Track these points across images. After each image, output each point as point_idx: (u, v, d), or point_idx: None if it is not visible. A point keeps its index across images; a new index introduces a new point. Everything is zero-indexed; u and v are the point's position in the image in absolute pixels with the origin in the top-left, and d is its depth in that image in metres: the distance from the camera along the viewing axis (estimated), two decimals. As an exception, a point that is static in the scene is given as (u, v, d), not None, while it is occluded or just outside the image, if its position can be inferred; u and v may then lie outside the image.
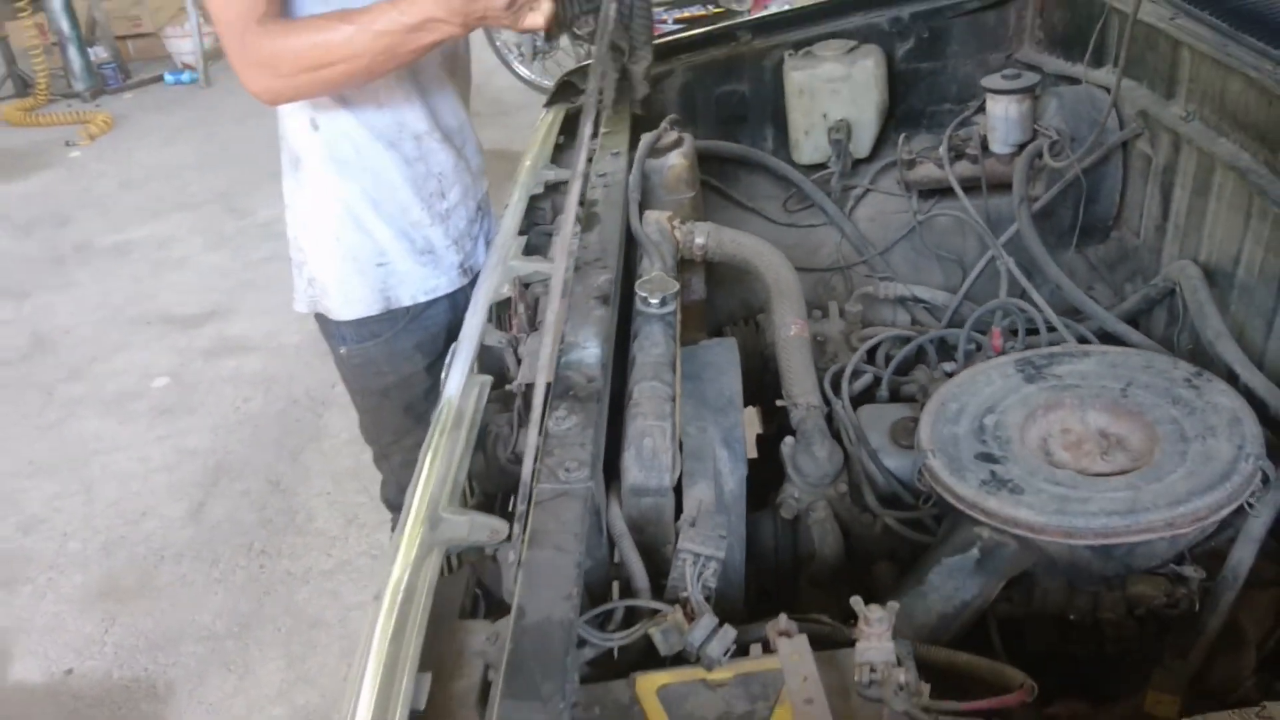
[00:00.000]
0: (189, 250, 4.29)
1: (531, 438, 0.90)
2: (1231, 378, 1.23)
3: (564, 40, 1.83)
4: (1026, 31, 2.04)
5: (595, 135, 1.76)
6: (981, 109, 1.84)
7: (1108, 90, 1.67)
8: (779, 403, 1.39)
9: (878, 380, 1.54)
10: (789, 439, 1.35)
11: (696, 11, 4.19)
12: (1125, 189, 1.71)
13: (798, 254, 2.06)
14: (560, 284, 1.14)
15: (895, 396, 1.52)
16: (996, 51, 2.06)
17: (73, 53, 6.39)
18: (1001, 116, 1.74)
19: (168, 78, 6.62)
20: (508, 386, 1.25)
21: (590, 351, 1.17)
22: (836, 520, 1.32)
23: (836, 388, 1.46)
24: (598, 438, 1.05)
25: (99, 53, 6.57)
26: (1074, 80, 1.80)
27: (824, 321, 1.76)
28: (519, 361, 1.28)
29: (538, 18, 1.35)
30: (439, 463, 1.09)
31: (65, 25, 6.31)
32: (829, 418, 1.39)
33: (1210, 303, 1.31)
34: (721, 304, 1.92)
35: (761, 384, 1.62)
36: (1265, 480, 1.03)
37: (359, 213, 1.54)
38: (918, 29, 2.03)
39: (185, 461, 3.02)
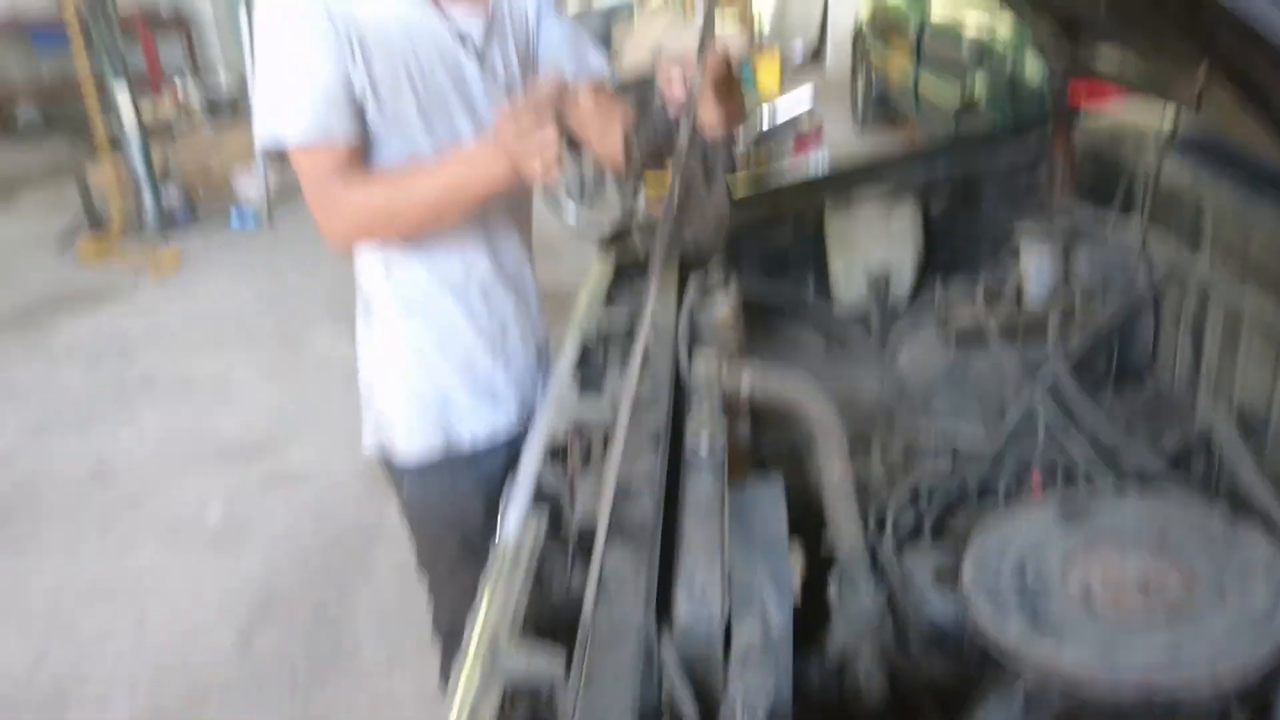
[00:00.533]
0: (247, 384, 4.44)
1: (592, 578, 0.94)
2: (1269, 525, 1.25)
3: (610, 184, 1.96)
4: (1059, 183, 2.14)
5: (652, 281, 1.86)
6: (1016, 257, 1.92)
7: (1138, 241, 1.75)
8: (824, 546, 1.42)
9: (920, 522, 1.56)
10: (835, 580, 1.38)
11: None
12: (1158, 337, 1.76)
13: (839, 396, 2.11)
14: (624, 430, 1.20)
15: (938, 538, 1.55)
16: (1031, 202, 2.16)
17: (146, 194, 6.77)
18: (1035, 265, 1.82)
19: (234, 220, 6.96)
20: (564, 525, 1.30)
21: (643, 493, 1.22)
22: (882, 663, 1.33)
23: (880, 530, 1.49)
24: (651, 577, 1.09)
25: (170, 194, 6.95)
26: (1105, 231, 1.88)
27: (866, 463, 1.80)
28: (574, 501, 1.33)
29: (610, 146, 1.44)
30: (498, 598, 1.14)
31: (141, 168, 6.71)
32: (873, 560, 1.42)
33: (1244, 451, 1.34)
34: (768, 442, 1.98)
35: (805, 524, 1.65)
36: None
37: (426, 354, 1.63)
38: (952, 183, 2.14)
39: (236, 591, 3.07)
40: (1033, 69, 4.35)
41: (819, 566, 1.67)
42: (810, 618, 1.44)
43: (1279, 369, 1.38)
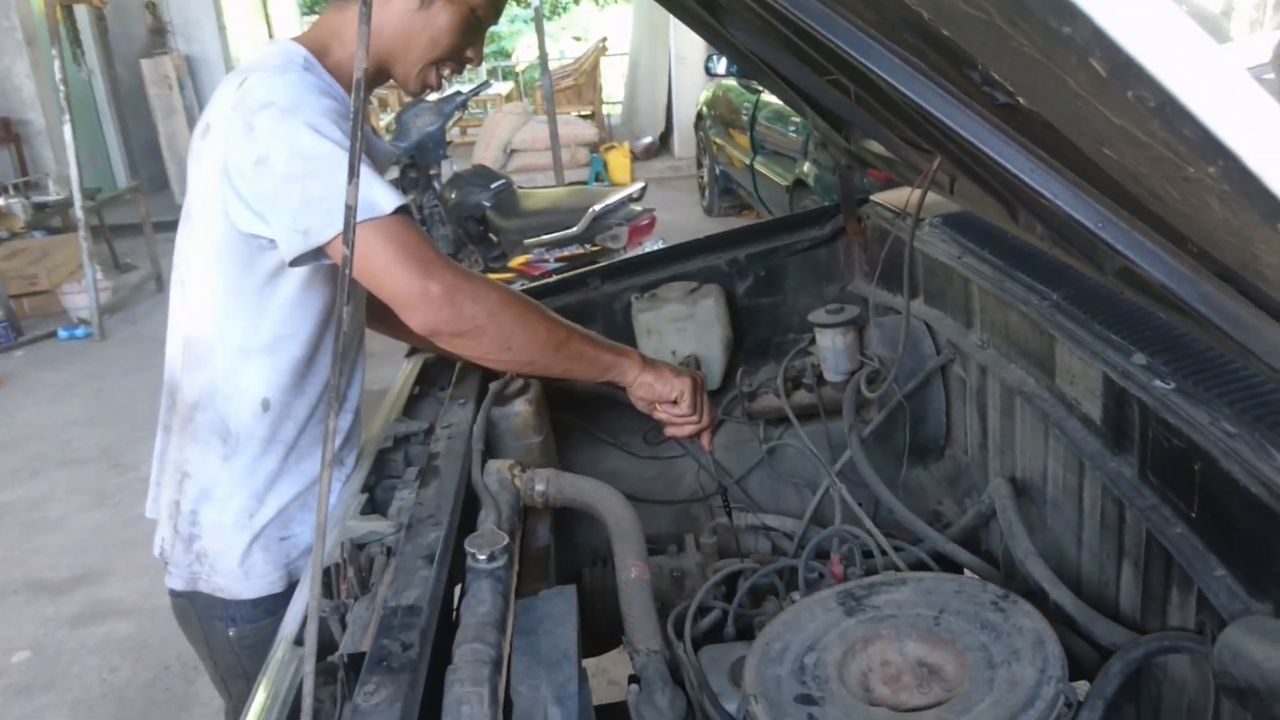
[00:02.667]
0: (65, 510, 4.14)
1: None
2: (1043, 595, 1.27)
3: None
4: (855, 265, 2.20)
5: (445, 388, 1.81)
6: (814, 341, 1.96)
7: (924, 321, 1.80)
8: (619, 650, 1.37)
9: (725, 618, 1.54)
10: (633, 687, 1.33)
11: (575, 250, 4.43)
12: (949, 410, 1.80)
13: (659, 486, 2.10)
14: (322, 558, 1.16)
15: (745, 633, 1.52)
16: (830, 284, 2.22)
17: (-36, 312, 6.38)
18: (830, 347, 1.85)
19: (61, 333, 6.60)
20: (330, 658, 1.21)
21: (411, 616, 1.16)
22: (686, 769, 1.28)
23: (680, 629, 1.45)
24: (406, 713, 1.02)
25: (-8, 310, 6.57)
26: (896, 311, 1.94)
27: (681, 556, 1.78)
28: (345, 629, 1.25)
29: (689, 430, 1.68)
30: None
31: (-43, 286, 6.32)
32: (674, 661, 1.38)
33: (1018, 522, 1.37)
34: (583, 544, 1.93)
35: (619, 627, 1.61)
36: (1069, 704, 1.04)
37: (280, 489, 1.51)
38: (754, 268, 2.18)
39: (41, 745, 2.81)
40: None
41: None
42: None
43: (1049, 441, 1.42)
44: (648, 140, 11.12)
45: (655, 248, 2.51)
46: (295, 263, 1.36)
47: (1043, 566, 1.29)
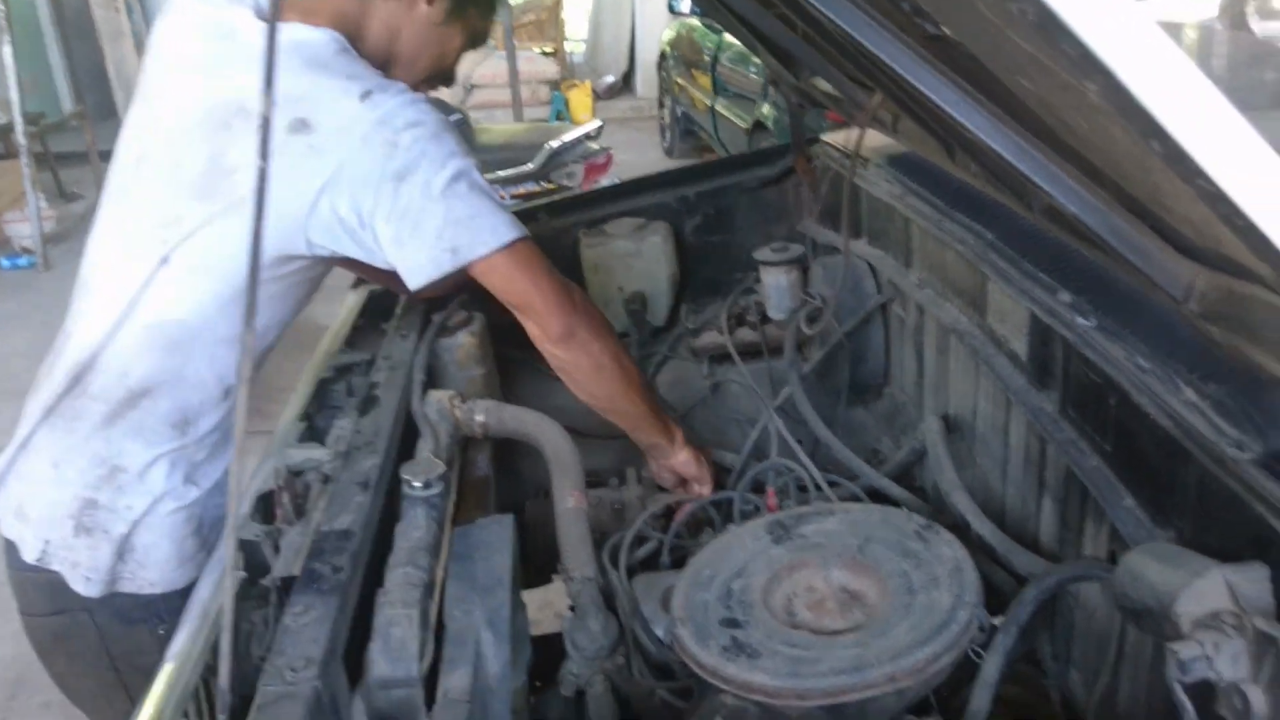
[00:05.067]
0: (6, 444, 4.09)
1: (225, 645, 0.85)
2: (967, 527, 1.30)
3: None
4: (804, 205, 2.21)
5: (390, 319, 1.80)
6: (760, 279, 1.97)
7: (866, 261, 1.82)
8: (554, 576, 1.39)
9: (660, 547, 1.56)
10: (567, 614, 1.35)
11: (531, 188, 4.39)
12: (889, 349, 1.83)
13: (600, 421, 2.11)
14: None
15: (680, 563, 1.55)
16: (779, 224, 2.22)
17: (-100, 241, 6.20)
18: (773, 285, 1.86)
19: (3, 262, 6.45)
20: (262, 581, 1.22)
21: (343, 541, 1.17)
22: (616, 693, 1.31)
23: (615, 558, 1.48)
24: (335, 633, 1.04)
25: (-70, 240, 6.40)
26: (840, 250, 1.95)
27: (622, 489, 1.80)
28: (278, 553, 1.26)
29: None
30: (173, 667, 1.06)
31: (-107, 213, 6.14)
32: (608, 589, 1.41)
33: (946, 457, 1.41)
34: (527, 477, 1.95)
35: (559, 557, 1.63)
36: (982, 628, 1.08)
37: (216, 467, 1.47)
38: (703, 206, 2.18)
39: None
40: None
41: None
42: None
43: (979, 379, 1.45)
44: (610, 79, 10.98)
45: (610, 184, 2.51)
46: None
47: (967, 499, 1.33)
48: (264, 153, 0.67)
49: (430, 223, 1.32)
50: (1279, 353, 0.77)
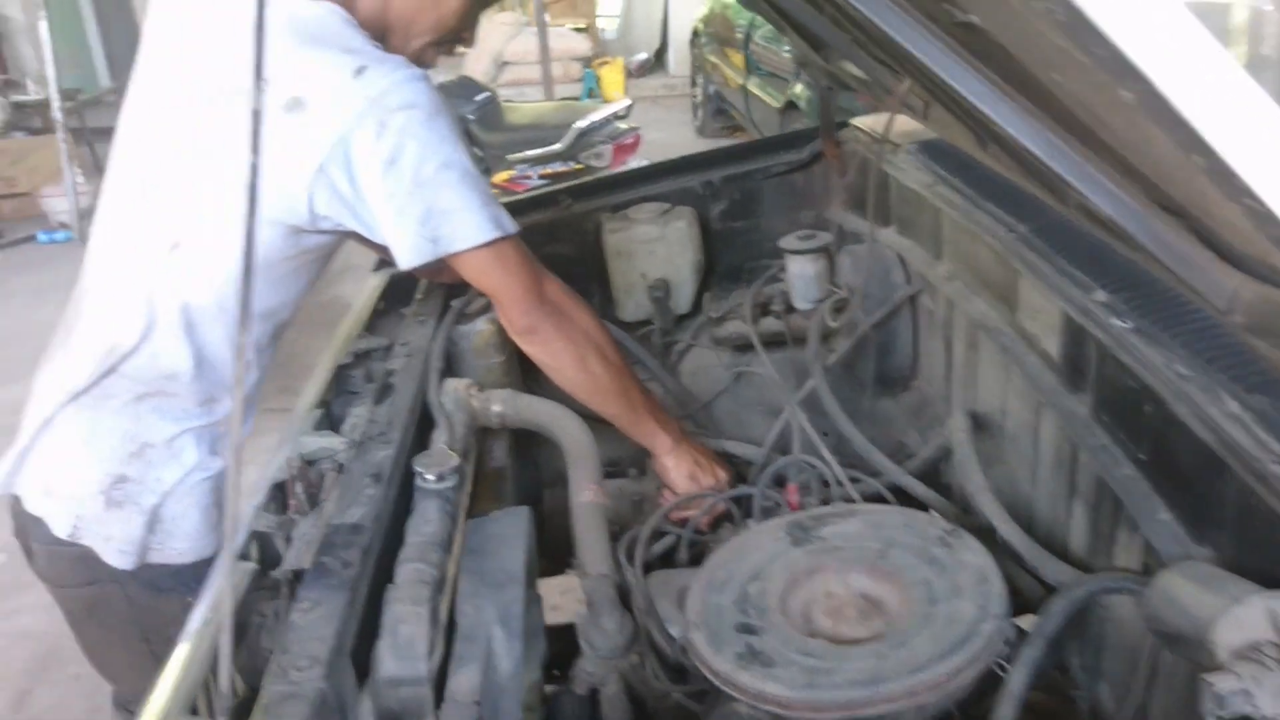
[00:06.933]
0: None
1: (224, 644, 0.84)
2: (993, 531, 1.26)
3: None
4: (832, 191, 2.16)
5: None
6: (785, 267, 1.92)
7: (895, 251, 1.77)
8: (569, 572, 1.37)
9: (679, 543, 1.54)
10: (581, 611, 1.33)
11: (559, 168, 4.35)
12: (917, 341, 1.78)
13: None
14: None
15: (697, 559, 1.52)
16: (806, 210, 2.17)
17: (-60, 214, 6.28)
18: (799, 274, 1.82)
19: (40, 236, 6.52)
20: (273, 573, 1.21)
21: (354, 535, 1.15)
22: (631, 693, 1.29)
23: (631, 553, 1.45)
24: (342, 630, 1.02)
25: (-32, 213, 6.48)
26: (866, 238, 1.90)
27: (642, 480, 1.77)
28: (290, 545, 1.25)
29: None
30: (180, 665, 1.04)
31: (-66, 186, 6.22)
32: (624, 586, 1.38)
33: (973, 456, 1.36)
34: (546, 466, 1.92)
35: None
36: (1008, 641, 1.04)
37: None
38: (729, 191, 2.13)
39: (14, 645, 2.83)
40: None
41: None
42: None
43: (1009, 376, 1.41)
44: (642, 57, 10.88)
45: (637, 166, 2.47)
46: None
47: (993, 502, 1.28)
48: (255, 147, 0.64)
49: (414, 210, 1.32)
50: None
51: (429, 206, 1.32)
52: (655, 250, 2.03)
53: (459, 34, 1.48)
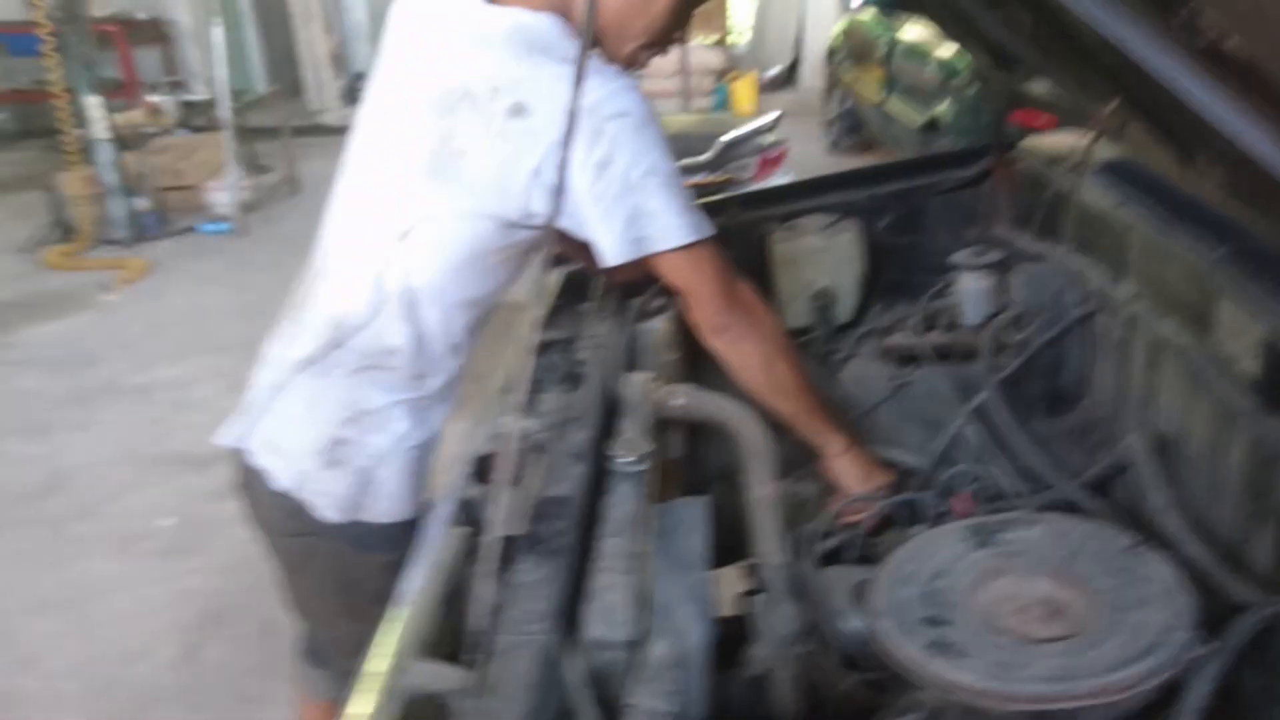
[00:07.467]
0: (208, 393, 4.42)
1: (488, 591, 0.95)
2: (1174, 551, 1.27)
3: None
4: (1000, 209, 2.17)
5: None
6: (953, 283, 1.95)
7: (1070, 270, 1.78)
8: (747, 561, 1.43)
9: (848, 542, 1.58)
10: (759, 597, 1.39)
11: (705, 178, 4.43)
12: (1089, 361, 1.79)
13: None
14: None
15: (866, 558, 1.57)
16: (971, 227, 2.19)
17: (116, 202, 6.74)
18: (970, 290, 1.85)
19: (204, 227, 6.95)
20: (483, 539, 1.31)
21: (562, 508, 1.24)
22: (803, 680, 1.35)
23: (805, 548, 1.51)
24: (562, 591, 1.11)
25: (140, 203, 6.92)
26: (1041, 257, 1.92)
27: (805, 482, 1.82)
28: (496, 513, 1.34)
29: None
30: (410, 615, 1.15)
31: (111, 177, 6.68)
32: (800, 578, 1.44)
33: (1156, 476, 1.37)
34: (712, 460, 1.99)
35: (744, 541, 1.67)
36: (1193, 656, 1.06)
37: (439, 413, 1.63)
38: (895, 206, 2.17)
39: (185, 603, 3.05)
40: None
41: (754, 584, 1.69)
42: (745, 635, 1.46)
43: (1194, 398, 1.41)
44: (775, 70, 10.91)
45: (783, 180, 2.53)
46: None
47: (1177, 520, 1.30)
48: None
49: (621, 212, 1.41)
50: None
51: (635, 209, 1.41)
52: (821, 260, 2.08)
53: (671, 34, 1.55)
